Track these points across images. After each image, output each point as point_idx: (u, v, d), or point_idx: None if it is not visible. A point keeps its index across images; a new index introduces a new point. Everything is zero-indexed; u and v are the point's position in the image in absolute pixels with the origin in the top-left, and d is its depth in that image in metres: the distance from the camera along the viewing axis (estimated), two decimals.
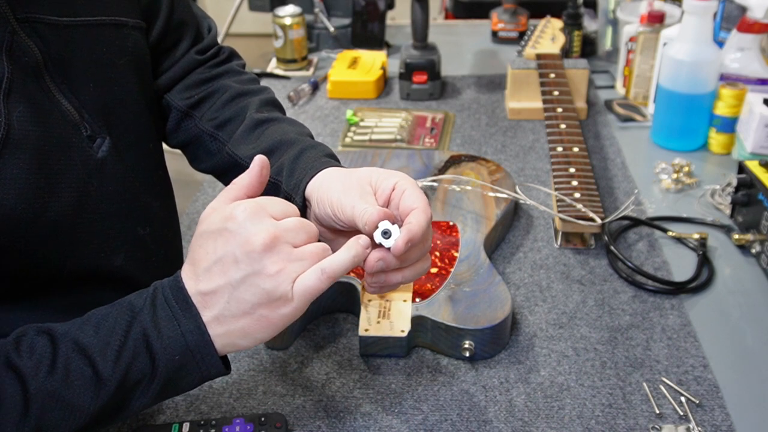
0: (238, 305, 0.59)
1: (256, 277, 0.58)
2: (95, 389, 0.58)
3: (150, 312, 0.60)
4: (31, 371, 0.58)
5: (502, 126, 1.36)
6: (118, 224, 0.74)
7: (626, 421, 0.78)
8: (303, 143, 0.78)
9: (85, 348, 0.59)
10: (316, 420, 0.78)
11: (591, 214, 0.99)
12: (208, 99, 0.87)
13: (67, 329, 0.61)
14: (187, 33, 0.89)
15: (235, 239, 0.59)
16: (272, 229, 0.58)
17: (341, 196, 0.67)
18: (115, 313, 0.61)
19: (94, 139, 0.71)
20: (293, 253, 0.59)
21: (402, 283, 0.68)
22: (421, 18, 1.42)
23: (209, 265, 0.60)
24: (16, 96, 0.64)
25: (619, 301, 0.94)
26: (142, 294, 0.63)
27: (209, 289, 0.60)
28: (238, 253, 0.58)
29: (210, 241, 0.60)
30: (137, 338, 0.60)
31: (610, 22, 1.57)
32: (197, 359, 0.61)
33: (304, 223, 0.61)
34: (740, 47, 1.26)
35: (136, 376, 0.60)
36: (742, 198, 1.02)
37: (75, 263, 0.70)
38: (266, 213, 0.60)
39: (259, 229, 0.58)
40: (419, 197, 0.67)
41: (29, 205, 0.64)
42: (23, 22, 0.66)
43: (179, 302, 0.60)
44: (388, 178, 0.68)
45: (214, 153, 0.84)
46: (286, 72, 1.59)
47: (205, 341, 0.60)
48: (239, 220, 0.59)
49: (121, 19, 0.76)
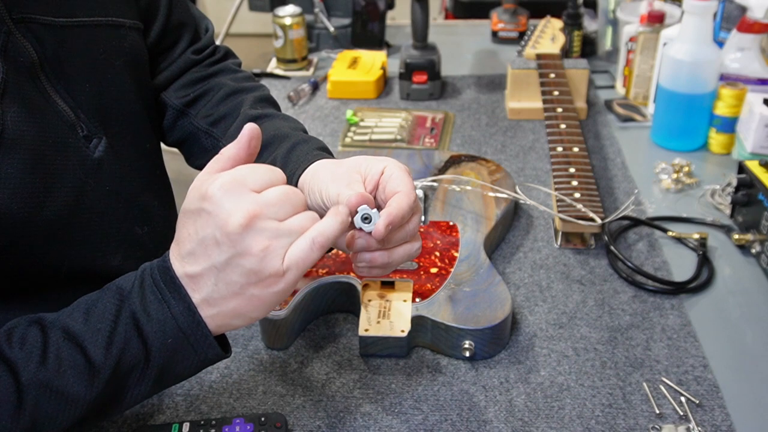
0: (227, 287, 0.57)
1: (240, 258, 0.56)
2: (89, 377, 0.58)
3: (138, 295, 0.59)
4: (23, 362, 0.57)
5: (502, 126, 1.36)
6: (116, 224, 0.74)
7: (626, 421, 0.78)
8: (296, 137, 0.78)
9: (76, 335, 0.58)
10: (316, 420, 0.78)
11: (591, 214, 0.99)
12: (204, 97, 0.87)
13: (56, 317, 0.60)
14: (185, 33, 0.89)
15: (213, 221, 0.56)
16: (251, 207, 0.55)
17: (329, 185, 0.66)
18: (104, 298, 0.60)
19: (91, 139, 0.71)
20: (279, 228, 0.56)
21: (391, 264, 0.66)
22: (421, 18, 1.42)
23: (192, 247, 0.58)
24: (10, 96, 0.64)
25: (619, 301, 0.94)
26: (130, 277, 0.62)
27: (195, 271, 0.58)
28: (218, 235, 0.56)
29: (190, 221, 0.58)
30: (127, 322, 0.58)
31: (610, 22, 1.57)
32: (191, 341, 0.59)
33: (289, 194, 0.58)
34: (740, 47, 1.26)
35: (130, 362, 0.59)
36: (742, 198, 1.02)
37: (72, 263, 0.70)
38: (245, 187, 0.56)
39: (237, 207, 0.55)
40: (404, 181, 0.65)
41: (24, 205, 0.64)
42: (19, 23, 0.66)
43: (167, 284, 0.59)
44: (376, 164, 0.67)
45: (209, 150, 0.84)
46: (286, 72, 1.59)
47: (196, 322, 0.59)
48: (215, 199, 0.56)
49: (118, 20, 0.76)
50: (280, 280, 0.57)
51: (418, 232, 0.68)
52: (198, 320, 0.59)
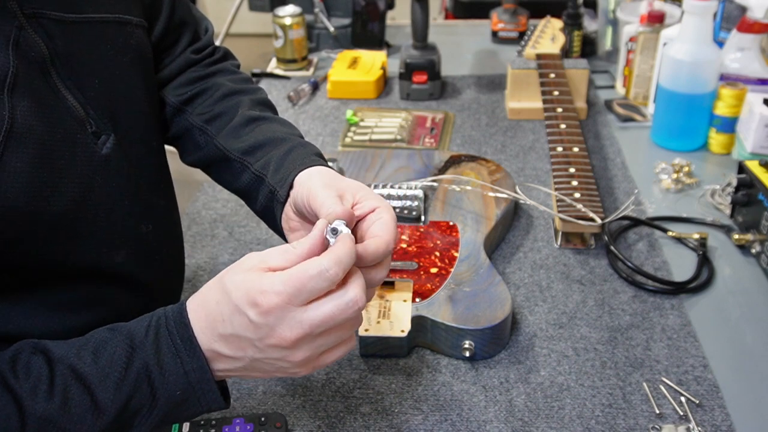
0: (255, 372, 0.61)
1: (280, 362, 0.59)
2: (93, 418, 0.58)
3: (153, 346, 0.60)
4: (28, 394, 0.57)
5: (502, 126, 1.36)
6: (121, 221, 0.74)
7: (626, 421, 0.78)
8: (293, 142, 0.78)
9: (84, 376, 0.59)
10: (316, 420, 0.78)
11: (591, 214, 0.99)
12: (201, 95, 0.87)
13: (64, 353, 0.60)
14: (186, 33, 0.90)
15: (257, 332, 0.57)
16: (300, 333, 0.56)
17: (320, 189, 0.66)
18: (113, 342, 0.61)
19: (99, 136, 0.71)
20: (322, 344, 0.58)
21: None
22: (421, 18, 1.42)
23: (227, 334, 0.59)
24: (20, 90, 0.64)
25: (619, 301, 0.94)
26: (142, 322, 0.62)
27: (226, 353, 0.60)
28: (259, 345, 0.58)
29: (228, 309, 0.58)
30: (139, 371, 0.59)
31: (610, 22, 1.57)
32: (198, 395, 0.61)
33: (335, 314, 0.57)
34: (740, 47, 1.26)
35: (136, 407, 0.60)
36: (742, 198, 1.02)
37: (77, 258, 0.70)
38: (295, 306, 0.56)
39: (285, 333, 0.56)
40: (389, 230, 0.64)
41: (32, 199, 0.64)
42: (30, 18, 0.66)
43: (183, 340, 0.60)
44: (372, 200, 0.66)
45: (201, 146, 0.85)
46: (286, 72, 1.59)
47: (206, 379, 0.60)
48: (263, 319, 0.56)
49: (125, 17, 0.76)
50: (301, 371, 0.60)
51: (376, 289, 0.67)
52: (208, 378, 0.61)
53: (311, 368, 0.60)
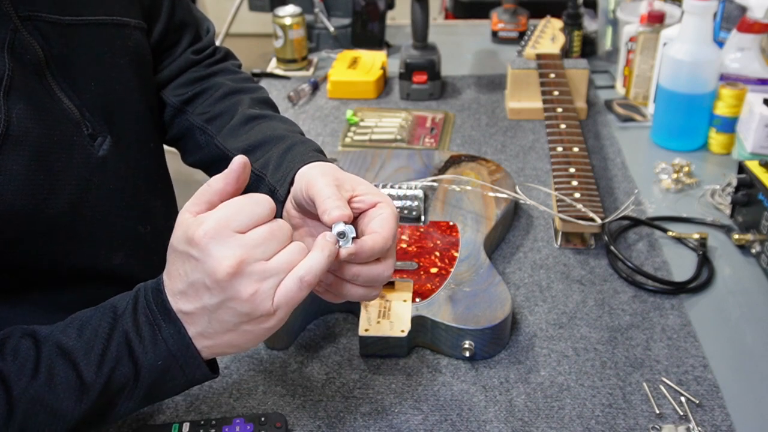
0: (220, 324, 0.58)
1: (231, 302, 0.57)
2: (79, 394, 0.58)
3: (131, 316, 0.60)
4: (15, 375, 0.57)
5: (502, 126, 1.36)
6: (119, 222, 0.74)
7: (626, 421, 0.78)
8: (293, 139, 0.78)
9: (69, 352, 0.59)
10: (316, 420, 0.78)
11: (591, 214, 0.99)
12: (201, 95, 0.87)
13: (50, 331, 0.60)
14: (187, 33, 0.90)
15: (201, 267, 0.56)
16: (238, 252, 0.55)
17: (318, 177, 0.66)
18: (98, 316, 0.61)
19: (95, 138, 0.71)
20: (266, 270, 0.56)
21: (342, 294, 0.65)
22: (421, 18, 1.42)
23: (183, 287, 0.58)
24: (16, 93, 0.64)
25: (619, 301, 0.94)
26: (126, 296, 0.62)
27: (188, 310, 0.59)
28: (207, 282, 0.56)
29: (179, 261, 0.58)
30: (120, 342, 0.59)
31: (610, 22, 1.57)
32: (180, 363, 0.60)
33: (273, 229, 0.57)
34: (740, 47, 1.26)
35: (120, 381, 0.59)
36: (742, 198, 1.02)
37: (74, 261, 0.71)
38: (230, 230, 0.56)
39: (223, 254, 0.55)
40: (389, 226, 0.64)
41: (28, 201, 0.64)
42: (26, 20, 0.66)
43: (159, 306, 0.60)
44: (374, 196, 0.66)
45: (202, 146, 0.85)
46: (286, 72, 1.59)
47: (186, 344, 0.59)
48: (201, 246, 0.56)
49: (122, 19, 0.76)
50: (271, 318, 0.58)
51: (380, 287, 0.66)
52: (187, 342, 0.59)
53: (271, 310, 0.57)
